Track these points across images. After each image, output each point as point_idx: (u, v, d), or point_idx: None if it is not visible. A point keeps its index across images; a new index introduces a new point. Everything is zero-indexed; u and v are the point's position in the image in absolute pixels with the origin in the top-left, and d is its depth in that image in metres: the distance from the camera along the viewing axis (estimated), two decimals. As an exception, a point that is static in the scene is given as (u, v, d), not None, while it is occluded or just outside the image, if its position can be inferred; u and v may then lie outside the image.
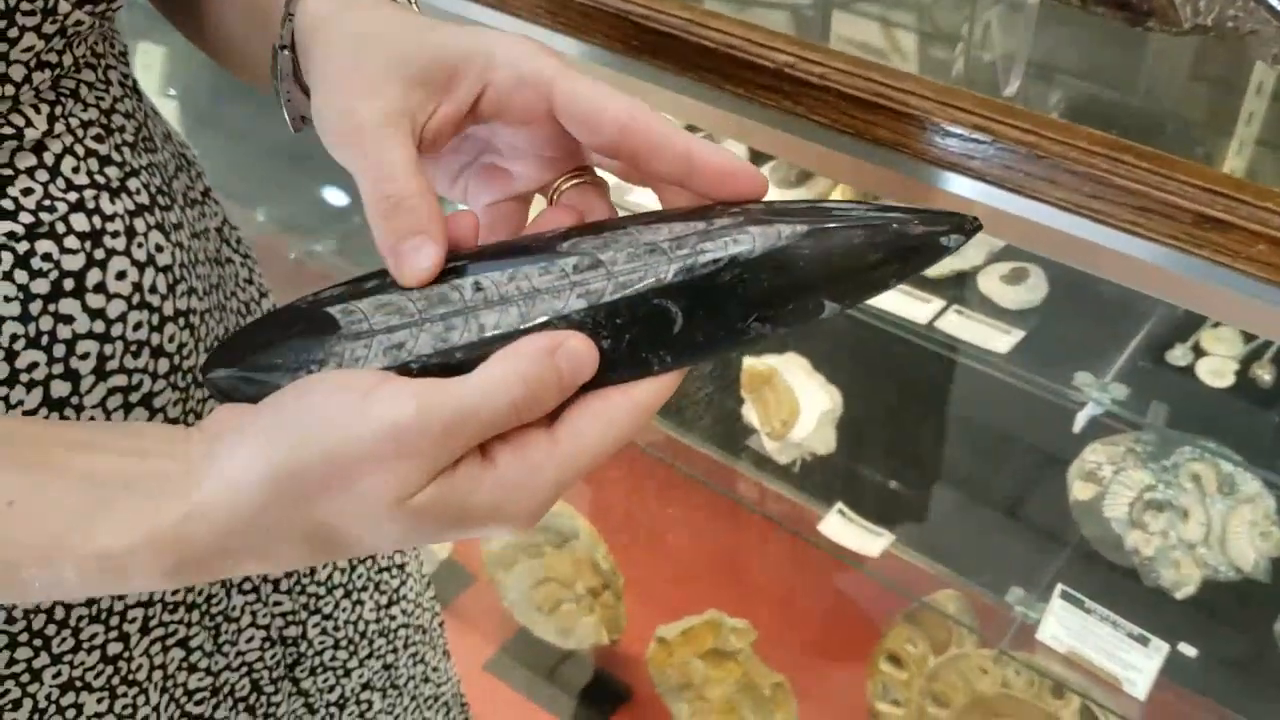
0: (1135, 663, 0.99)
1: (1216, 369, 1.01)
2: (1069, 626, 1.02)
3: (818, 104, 0.61)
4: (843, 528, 1.19)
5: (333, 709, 0.68)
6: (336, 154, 0.41)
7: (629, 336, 0.38)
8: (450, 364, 0.37)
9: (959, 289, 1.10)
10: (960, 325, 1.05)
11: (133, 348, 0.47)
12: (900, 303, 1.08)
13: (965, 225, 0.39)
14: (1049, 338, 1.05)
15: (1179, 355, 1.02)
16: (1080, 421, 0.98)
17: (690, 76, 0.64)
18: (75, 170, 0.46)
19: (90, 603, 0.50)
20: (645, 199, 0.91)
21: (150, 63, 1.79)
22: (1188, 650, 1.02)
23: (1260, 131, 0.72)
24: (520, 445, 0.37)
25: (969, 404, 1.28)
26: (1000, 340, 1.03)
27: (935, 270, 1.11)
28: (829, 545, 1.18)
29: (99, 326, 0.46)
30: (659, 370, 0.38)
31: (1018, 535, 1.25)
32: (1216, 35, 0.67)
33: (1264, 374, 1.00)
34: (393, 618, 0.71)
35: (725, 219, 0.38)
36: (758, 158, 1.20)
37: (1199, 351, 1.02)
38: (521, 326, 0.37)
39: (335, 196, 1.81)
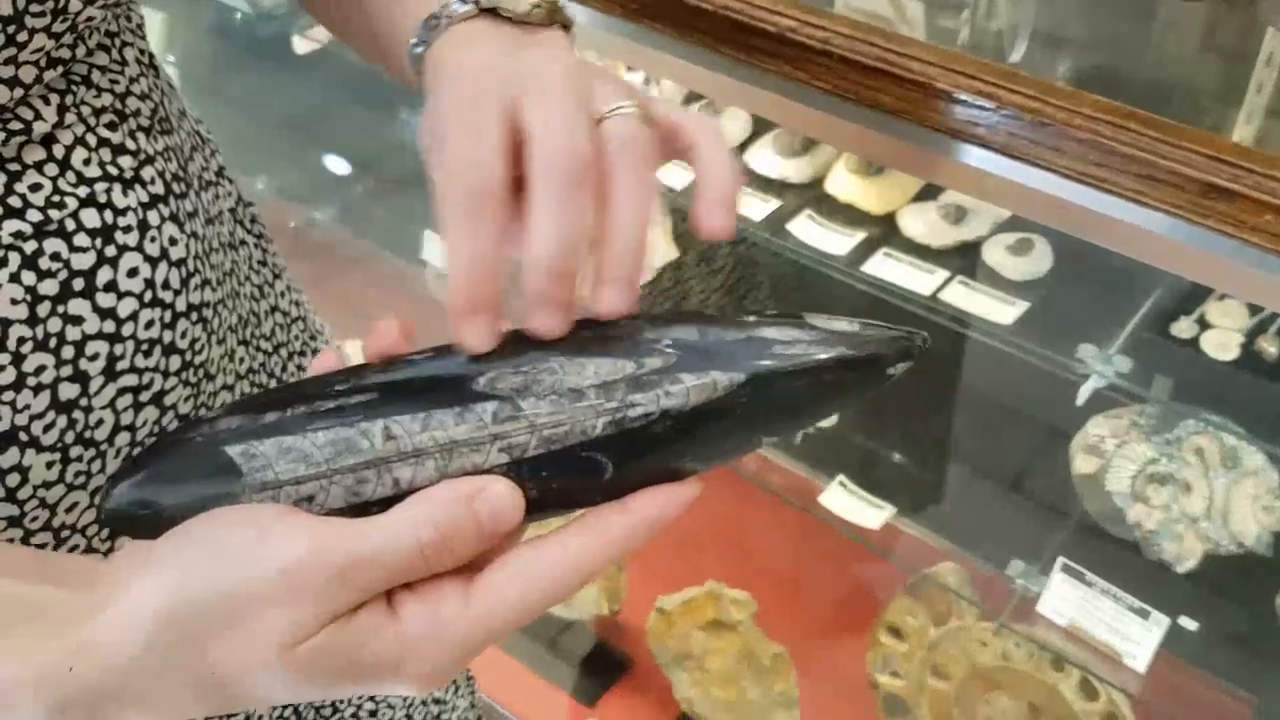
0: (1136, 636, 0.99)
1: (1221, 342, 1.00)
2: (1070, 599, 1.02)
3: (820, 69, 0.60)
4: (844, 500, 1.19)
5: None
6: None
7: (556, 485, 0.36)
8: (366, 514, 0.35)
9: (964, 260, 1.09)
10: (965, 296, 1.04)
11: (144, 346, 0.46)
12: (904, 274, 1.07)
13: (912, 350, 0.38)
14: (1053, 309, 1.04)
15: (1184, 328, 1.01)
16: (1084, 394, 0.97)
17: (690, 41, 0.63)
18: (86, 163, 0.44)
19: None
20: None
21: (147, 29, 1.77)
22: (1189, 624, 1.02)
23: (1270, 100, 0.71)
24: (429, 598, 0.34)
25: (972, 376, 1.27)
26: (1005, 312, 1.02)
27: (940, 241, 1.11)
28: (830, 517, 1.18)
29: (109, 326, 0.44)
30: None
31: (1019, 508, 1.24)
32: (1225, 0, 0.66)
33: (1269, 347, 0.99)
34: None
35: (656, 359, 0.36)
36: (760, 125, 1.18)
37: (1204, 324, 1.01)
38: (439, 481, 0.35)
39: (336, 165, 1.80)
